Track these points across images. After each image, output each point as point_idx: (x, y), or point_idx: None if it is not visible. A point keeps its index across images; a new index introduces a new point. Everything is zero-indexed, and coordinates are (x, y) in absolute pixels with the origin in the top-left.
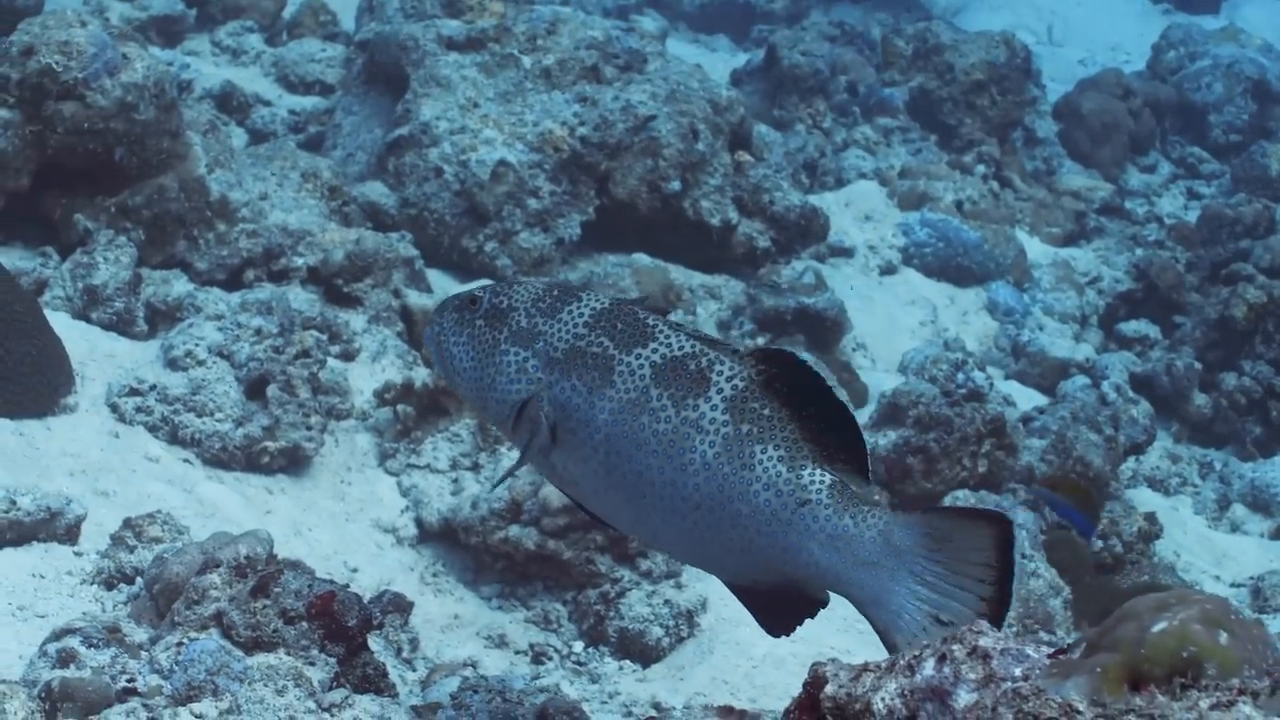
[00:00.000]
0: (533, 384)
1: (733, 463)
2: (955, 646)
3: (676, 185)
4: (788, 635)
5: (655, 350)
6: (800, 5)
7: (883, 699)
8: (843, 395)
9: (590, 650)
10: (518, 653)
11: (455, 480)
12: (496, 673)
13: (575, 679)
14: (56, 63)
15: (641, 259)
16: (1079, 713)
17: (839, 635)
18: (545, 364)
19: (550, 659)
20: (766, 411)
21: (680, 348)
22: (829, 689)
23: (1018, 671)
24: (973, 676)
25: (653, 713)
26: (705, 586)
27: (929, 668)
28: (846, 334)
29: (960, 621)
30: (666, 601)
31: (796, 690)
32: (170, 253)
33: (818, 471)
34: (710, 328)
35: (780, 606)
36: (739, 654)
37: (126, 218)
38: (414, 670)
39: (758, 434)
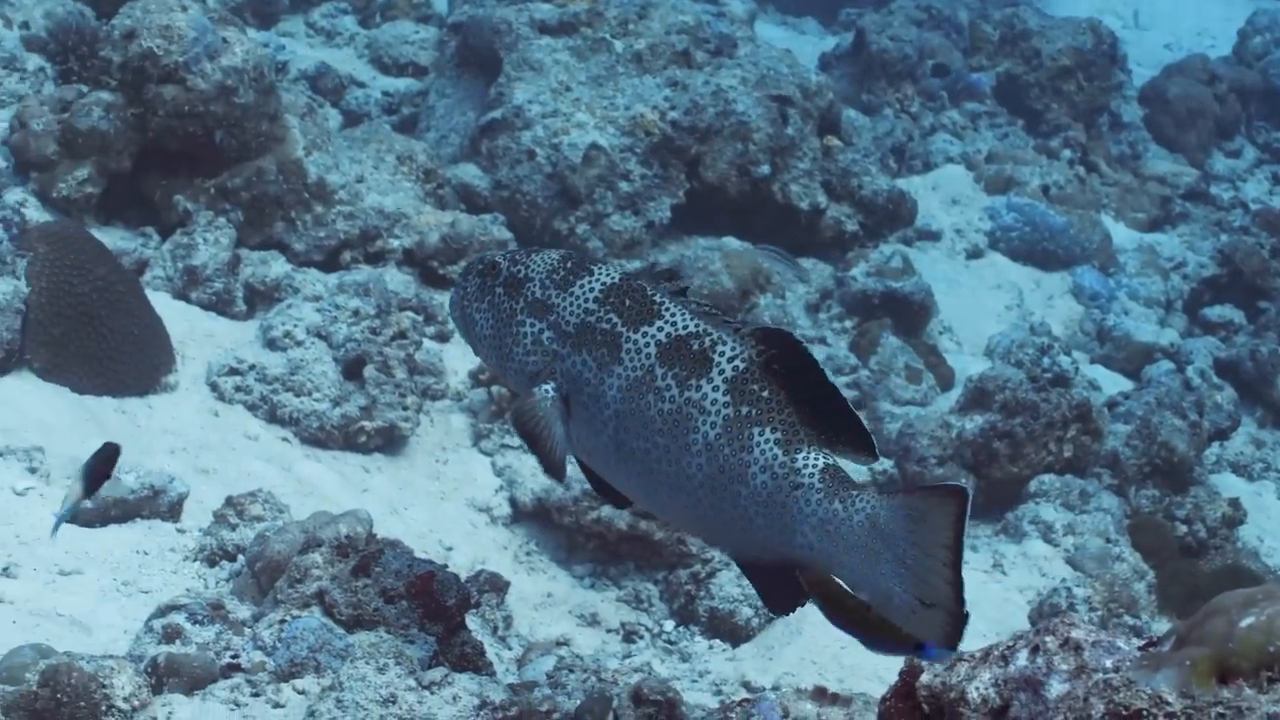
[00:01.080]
0: (548, 356)
1: (733, 444)
2: (1048, 638)
3: (766, 169)
4: (788, 614)
5: (660, 329)
6: None
7: (977, 688)
8: (831, 376)
9: (681, 629)
10: (609, 631)
11: None
12: (589, 651)
13: (666, 658)
14: (157, 46)
15: (731, 243)
16: (1168, 704)
17: None
18: (559, 337)
19: (641, 638)
20: (765, 394)
21: (684, 326)
22: (925, 678)
23: (1109, 663)
24: (1065, 667)
25: (743, 692)
26: None
27: (1022, 658)
28: (933, 317)
29: (939, 604)
30: None
31: (884, 672)
32: (268, 234)
33: (812, 454)
34: (799, 311)
35: (783, 584)
36: (827, 634)
37: (225, 199)
38: (509, 649)
39: (756, 416)
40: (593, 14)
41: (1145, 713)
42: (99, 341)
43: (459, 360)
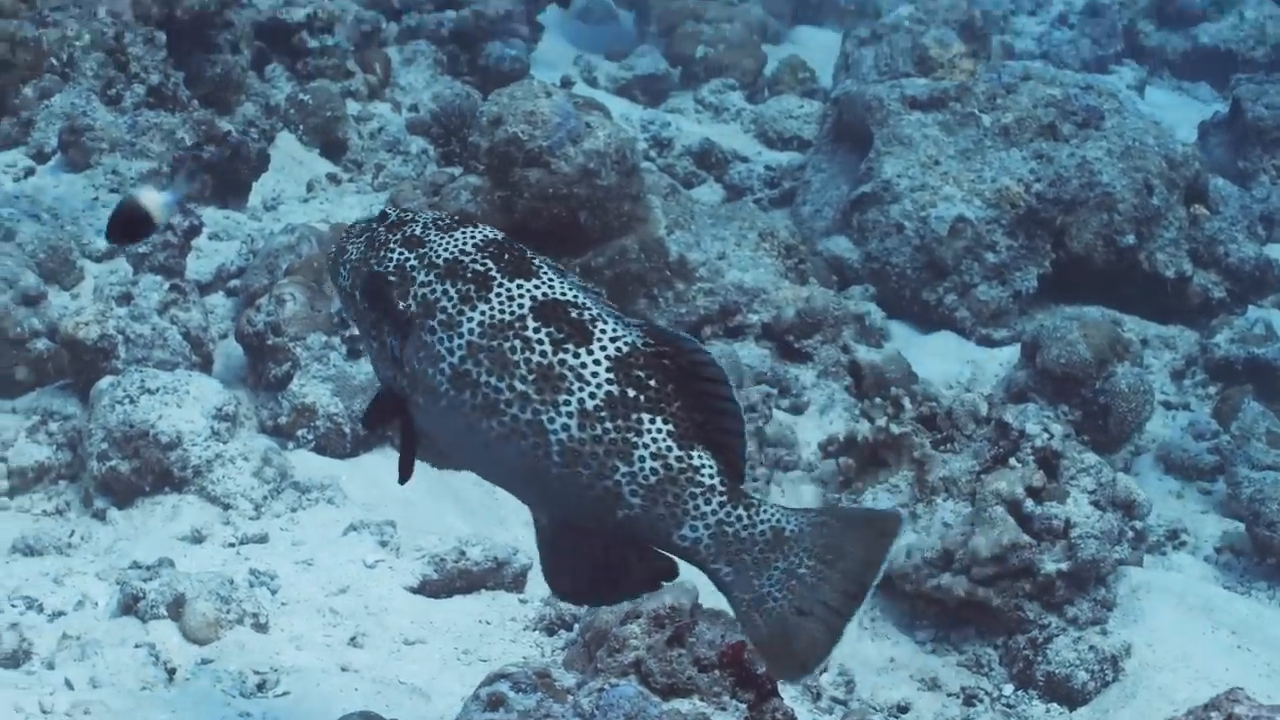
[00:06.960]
0: (407, 282)
1: (615, 421)
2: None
3: (1131, 239)
4: (578, 600)
5: (537, 287)
6: None
7: None
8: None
9: (1019, 693)
10: (949, 695)
11: None
12: (930, 714)
13: None
14: (522, 132)
15: (1090, 313)
16: None
17: (1261, 680)
18: (424, 267)
19: (981, 701)
20: (653, 382)
21: (563, 294)
22: None
23: None
24: None
25: None
26: (1129, 633)
27: None
28: None
29: (815, 614)
30: (1092, 647)
31: None
32: (631, 310)
33: (708, 456)
34: (1164, 378)
35: (605, 565)
36: (1161, 699)
37: (589, 277)
38: (830, 714)
39: (645, 403)
40: (962, 89)
41: None
42: None
43: (812, 431)
